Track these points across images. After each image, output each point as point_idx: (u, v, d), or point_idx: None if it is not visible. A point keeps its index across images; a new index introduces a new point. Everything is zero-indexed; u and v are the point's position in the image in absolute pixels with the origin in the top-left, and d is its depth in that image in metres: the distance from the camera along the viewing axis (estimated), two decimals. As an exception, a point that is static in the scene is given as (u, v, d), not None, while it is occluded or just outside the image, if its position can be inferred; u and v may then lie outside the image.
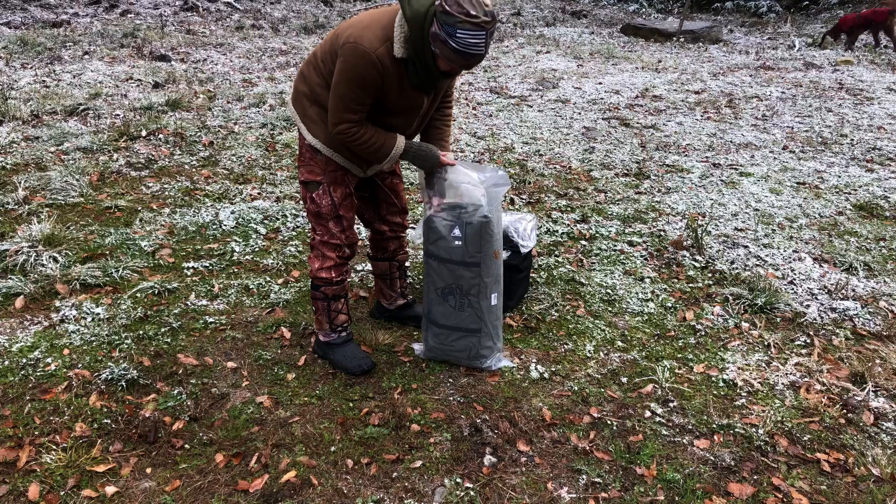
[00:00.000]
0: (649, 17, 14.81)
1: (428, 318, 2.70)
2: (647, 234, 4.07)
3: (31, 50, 8.08)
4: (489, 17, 2.01)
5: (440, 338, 2.69)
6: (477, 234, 2.49)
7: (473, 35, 2.01)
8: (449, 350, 2.70)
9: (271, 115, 6.11)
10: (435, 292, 2.63)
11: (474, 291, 2.57)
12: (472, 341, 2.65)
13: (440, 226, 2.53)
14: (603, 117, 6.66)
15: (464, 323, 2.62)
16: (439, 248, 2.55)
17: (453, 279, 2.57)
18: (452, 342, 2.67)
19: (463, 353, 2.69)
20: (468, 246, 2.51)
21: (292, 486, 2.14)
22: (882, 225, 4.34)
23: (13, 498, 2.04)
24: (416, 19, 2.08)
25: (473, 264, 2.54)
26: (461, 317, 2.62)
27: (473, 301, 2.59)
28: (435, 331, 2.69)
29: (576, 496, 2.15)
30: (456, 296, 2.59)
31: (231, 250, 3.63)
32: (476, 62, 2.11)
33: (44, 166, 4.60)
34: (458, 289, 2.58)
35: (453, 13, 1.99)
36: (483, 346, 2.67)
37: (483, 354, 2.68)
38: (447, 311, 2.63)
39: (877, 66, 9.77)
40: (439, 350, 2.72)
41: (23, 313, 2.97)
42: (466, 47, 2.04)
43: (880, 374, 2.81)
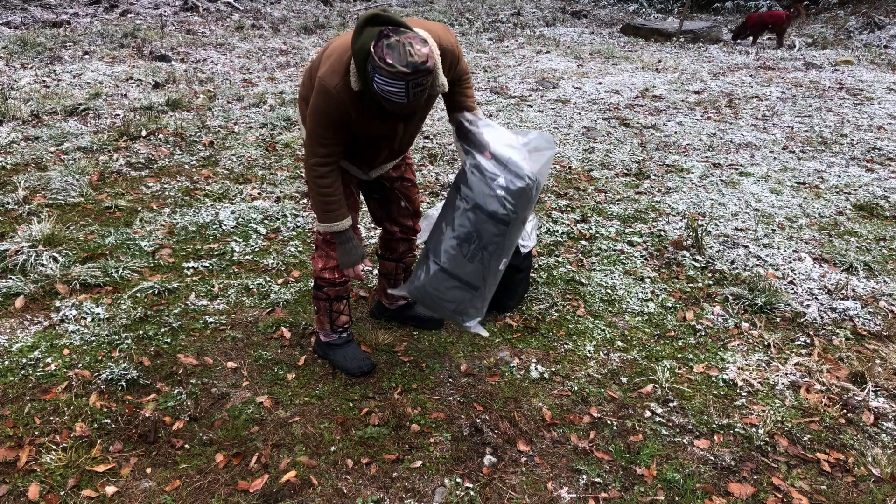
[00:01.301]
0: (649, 17, 14.82)
1: (432, 255, 2.51)
2: (647, 234, 4.07)
3: (31, 50, 8.08)
4: (409, 68, 1.94)
5: (436, 281, 2.50)
6: (516, 195, 2.39)
7: (390, 83, 1.97)
8: (437, 296, 2.52)
9: (271, 115, 6.10)
10: (452, 233, 2.46)
11: (492, 248, 2.45)
12: (465, 296, 2.51)
13: (487, 172, 2.39)
14: (603, 117, 6.66)
15: (467, 275, 2.48)
16: (476, 193, 2.40)
17: (476, 228, 2.42)
18: (446, 289, 2.50)
19: (450, 305, 2.53)
20: (506, 202, 2.39)
21: (292, 486, 2.14)
22: (882, 225, 4.34)
23: (13, 498, 2.04)
24: (360, 55, 2.05)
25: (503, 222, 2.41)
26: (467, 268, 2.47)
27: (486, 257, 2.46)
28: (434, 271, 2.51)
29: (576, 496, 2.15)
30: (472, 245, 2.44)
31: (231, 250, 3.63)
32: (402, 109, 2.08)
33: (44, 166, 4.60)
34: (479, 239, 2.43)
35: (374, 57, 1.97)
36: (472, 306, 2.54)
37: (469, 313, 2.56)
38: (457, 257, 2.46)
39: (877, 66, 9.77)
40: (426, 294, 2.54)
41: (23, 313, 2.97)
42: (384, 94, 2.01)
43: (880, 374, 2.81)
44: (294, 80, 7.59)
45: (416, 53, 1.95)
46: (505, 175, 2.39)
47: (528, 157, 2.41)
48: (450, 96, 2.48)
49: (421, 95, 2.04)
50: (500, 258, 2.51)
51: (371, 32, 2.03)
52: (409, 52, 1.95)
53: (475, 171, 2.41)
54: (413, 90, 2.00)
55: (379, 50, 1.96)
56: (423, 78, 1.99)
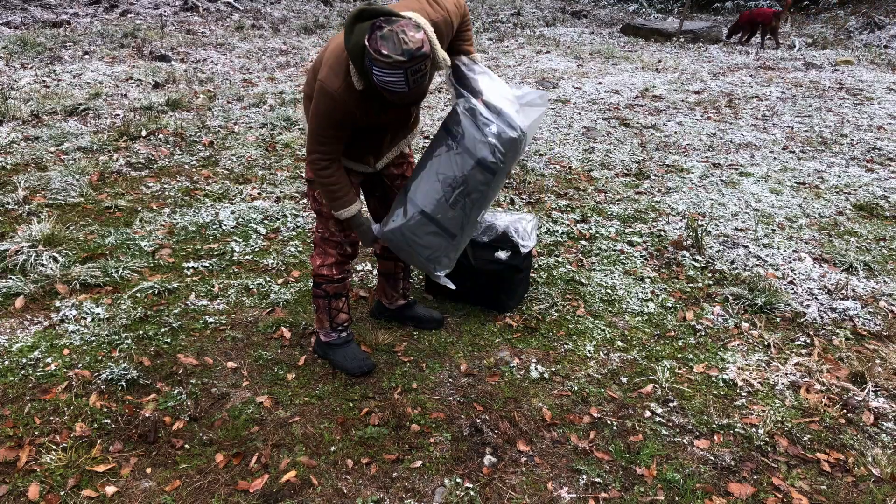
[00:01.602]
0: (649, 17, 14.82)
1: (412, 198, 2.43)
2: (647, 234, 4.07)
3: (31, 50, 8.08)
4: (405, 56, 1.94)
5: (415, 224, 2.42)
6: (507, 144, 2.35)
7: (389, 74, 1.98)
8: (413, 240, 2.44)
9: (271, 115, 6.10)
10: (437, 176, 2.39)
11: (475, 196, 2.40)
12: (441, 243, 2.46)
13: (480, 117, 2.33)
14: (603, 117, 6.66)
15: (447, 221, 2.42)
16: (467, 138, 2.35)
17: (463, 174, 2.37)
18: (423, 234, 2.43)
19: (425, 251, 2.47)
20: (496, 150, 2.34)
21: (292, 486, 2.14)
22: (882, 225, 4.34)
23: (13, 498, 2.04)
24: (356, 52, 2.05)
25: (490, 170, 2.36)
26: (448, 214, 2.41)
27: (468, 205, 2.41)
28: (413, 214, 2.42)
29: (576, 496, 2.15)
30: (456, 191, 2.38)
31: (231, 250, 3.63)
32: (403, 99, 2.09)
33: (44, 166, 4.60)
34: (464, 185, 2.37)
35: (370, 50, 1.97)
36: (446, 255, 2.50)
37: (441, 262, 2.51)
38: (438, 201, 2.39)
39: (877, 66, 9.77)
40: (402, 237, 2.45)
41: (23, 313, 2.97)
42: (384, 85, 2.02)
43: (880, 374, 2.81)
44: (294, 80, 7.59)
45: (410, 40, 1.96)
46: (497, 123, 2.34)
47: (520, 111, 2.39)
48: (452, 40, 2.47)
49: (422, 81, 2.05)
50: (481, 208, 2.48)
51: (362, 28, 2.03)
52: (404, 39, 1.95)
53: (468, 114, 2.36)
54: (412, 77, 2.00)
55: (373, 42, 1.97)
56: (420, 64, 2.00)
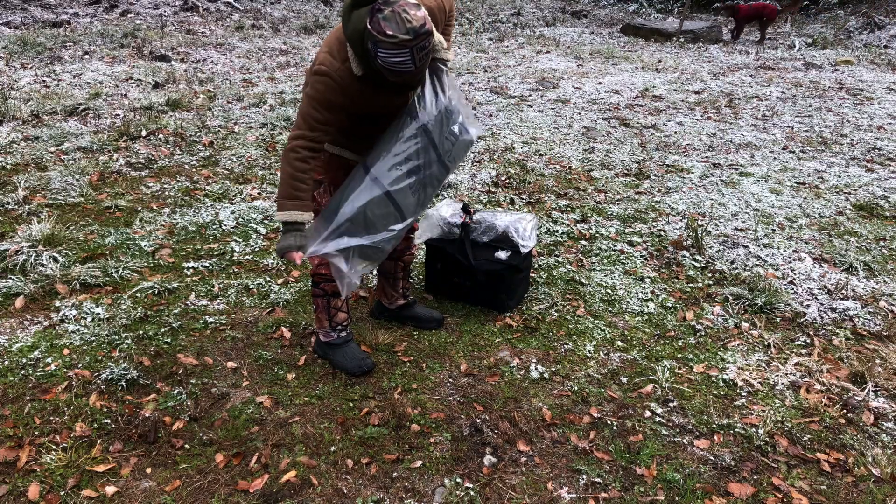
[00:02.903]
0: (649, 17, 14.82)
1: (377, 177, 2.37)
2: (647, 234, 4.07)
3: (31, 50, 8.08)
4: (411, 34, 1.94)
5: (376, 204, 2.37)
6: (463, 148, 2.47)
7: (395, 54, 1.97)
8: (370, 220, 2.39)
9: (271, 114, 6.11)
10: (405, 163, 2.37)
11: (430, 191, 2.46)
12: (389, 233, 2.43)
13: (457, 112, 2.41)
14: (603, 117, 6.66)
15: (406, 207, 2.42)
16: (436, 133, 2.38)
17: (427, 165, 2.40)
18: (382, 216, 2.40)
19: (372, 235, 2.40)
20: (454, 150, 2.45)
21: (292, 486, 2.14)
22: (882, 225, 4.34)
23: (13, 498, 2.04)
24: (355, 38, 2.05)
25: (445, 168, 2.46)
26: (408, 199, 2.41)
27: (421, 197, 2.44)
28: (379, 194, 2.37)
29: (576, 496, 2.15)
30: (417, 178, 2.39)
31: (231, 250, 3.63)
32: (410, 78, 2.08)
33: (44, 166, 4.60)
34: (424, 176, 2.40)
35: (374, 32, 1.96)
36: (385, 244, 2.44)
37: (372, 257, 2.44)
38: (404, 189, 2.38)
39: (877, 66, 9.77)
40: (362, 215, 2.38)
41: (23, 313, 2.97)
42: (391, 66, 2.01)
43: (880, 374, 2.81)
44: (294, 80, 7.59)
45: (413, 18, 1.96)
46: (459, 125, 2.43)
47: (471, 118, 2.48)
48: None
49: (426, 59, 2.05)
50: (424, 206, 2.51)
51: (360, 14, 2.03)
52: (406, 18, 1.95)
53: (443, 112, 2.39)
54: (418, 55, 2.00)
55: (375, 24, 1.96)
56: (425, 41, 2.00)
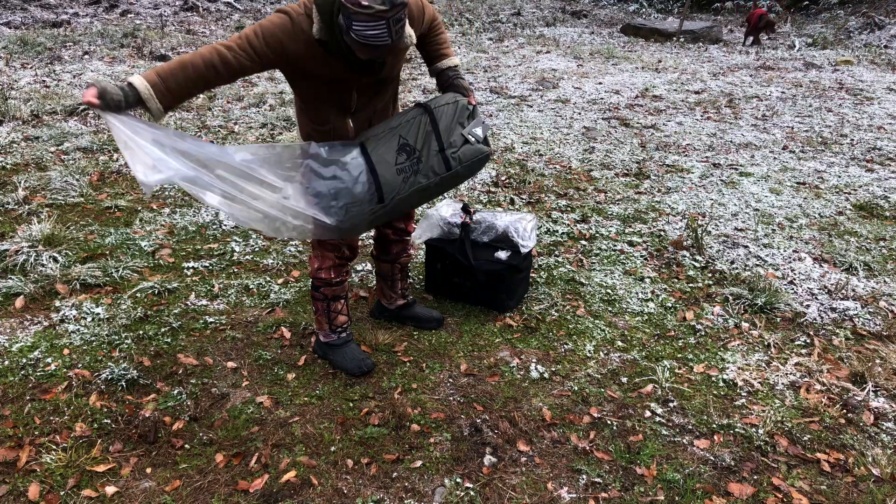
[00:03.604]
0: (649, 17, 14.81)
1: (362, 144, 2.32)
2: (647, 234, 4.07)
3: (31, 50, 8.08)
4: (387, 5, 1.89)
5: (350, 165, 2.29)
6: (476, 154, 2.43)
7: (370, 27, 1.92)
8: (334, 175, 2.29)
9: (271, 115, 6.10)
10: (398, 137, 2.33)
11: (422, 179, 2.36)
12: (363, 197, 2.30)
13: (465, 107, 2.40)
14: (603, 117, 6.66)
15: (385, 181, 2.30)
16: (444, 119, 2.37)
17: (423, 148, 2.34)
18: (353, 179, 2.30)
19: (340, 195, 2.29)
20: (463, 150, 2.39)
21: (292, 486, 2.14)
22: (882, 225, 4.34)
23: (13, 498, 2.04)
24: (325, 7, 2.02)
25: (448, 165, 2.38)
26: (390, 175, 2.31)
27: (411, 182, 2.35)
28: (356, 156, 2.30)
29: (576, 496, 2.15)
30: (410, 160, 2.33)
31: (231, 250, 3.63)
32: (384, 53, 2.03)
33: (44, 166, 4.60)
34: (417, 161, 2.33)
35: (347, 5, 1.91)
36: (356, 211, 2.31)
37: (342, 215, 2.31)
38: (388, 159, 2.30)
39: (877, 66, 9.77)
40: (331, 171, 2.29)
41: (23, 313, 2.97)
42: (365, 39, 1.95)
43: (880, 374, 2.81)
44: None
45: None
46: (480, 130, 2.41)
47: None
48: (425, 47, 2.48)
49: (402, 32, 2.00)
50: (421, 196, 2.40)
51: None
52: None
53: (455, 106, 2.39)
54: (394, 27, 1.95)
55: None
56: (401, 12, 1.96)
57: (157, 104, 1.99)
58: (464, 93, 2.46)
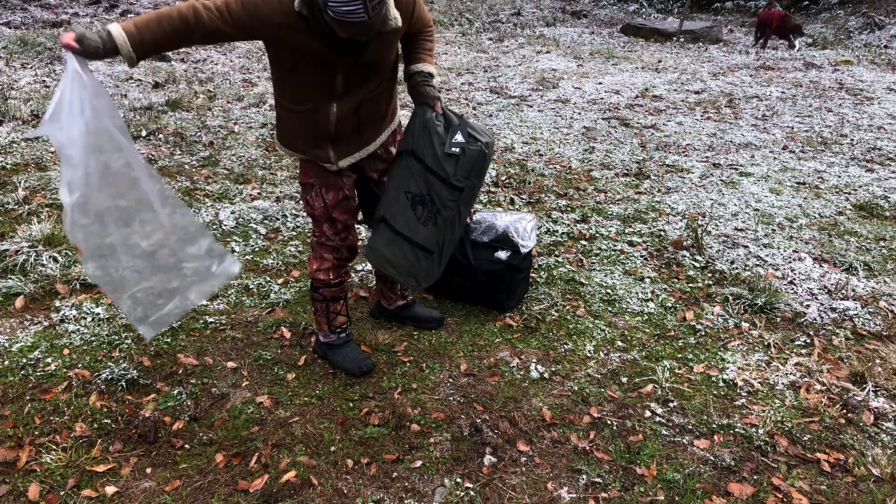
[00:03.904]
0: (649, 17, 14.81)
1: (383, 218, 2.43)
2: (647, 234, 4.07)
3: (31, 50, 8.08)
4: None
5: (390, 246, 2.44)
6: (470, 161, 2.31)
7: (345, 3, 1.87)
8: (391, 260, 2.47)
9: (271, 115, 6.10)
10: (404, 195, 2.36)
11: (446, 214, 2.36)
12: (416, 261, 2.44)
13: (434, 124, 2.29)
14: (603, 117, 6.66)
15: (421, 239, 2.40)
16: (426, 151, 2.31)
17: (429, 190, 2.33)
18: (401, 253, 2.44)
19: (402, 268, 2.47)
20: (459, 166, 2.30)
21: (292, 486, 2.14)
22: (882, 225, 4.34)
23: (13, 498, 2.04)
24: None
25: (456, 188, 2.33)
26: (420, 232, 2.39)
27: (441, 222, 2.37)
28: (386, 236, 2.44)
29: (576, 496, 2.15)
30: (427, 207, 2.34)
31: (231, 250, 3.63)
32: (362, 29, 1.97)
33: (44, 166, 4.60)
34: (432, 202, 2.33)
35: None
36: (423, 270, 2.47)
37: (419, 279, 2.50)
38: (410, 220, 2.38)
39: (877, 66, 9.77)
40: (382, 256, 2.49)
41: (23, 313, 2.97)
42: (342, 17, 1.90)
43: (880, 374, 2.81)
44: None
45: None
46: (459, 135, 2.29)
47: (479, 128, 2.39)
48: (408, 50, 2.42)
49: (380, 9, 1.95)
50: (458, 222, 2.43)
51: None
52: None
53: (426, 130, 2.31)
54: (370, 4, 1.90)
55: None
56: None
57: (129, 52, 2.01)
58: (428, 101, 2.35)
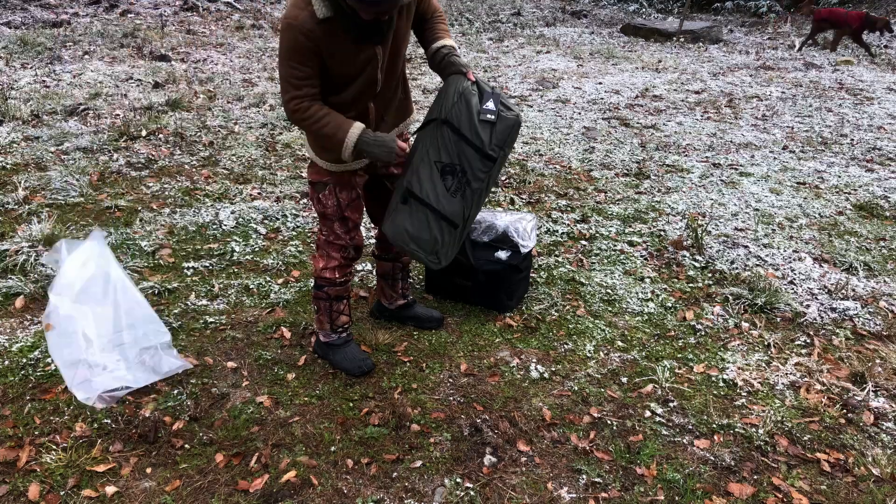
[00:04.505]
0: (649, 17, 14.81)
1: (408, 191, 2.32)
2: (647, 233, 4.07)
3: (31, 50, 8.07)
4: None
5: (414, 220, 2.34)
6: (505, 131, 2.26)
7: None
8: (416, 236, 2.36)
9: (271, 114, 6.11)
10: (433, 164, 2.27)
11: (476, 185, 2.28)
12: (442, 235, 2.35)
13: (470, 92, 2.23)
14: (603, 117, 6.66)
15: (449, 211, 2.30)
16: (461, 119, 2.23)
17: (461, 160, 2.25)
18: (426, 228, 2.34)
19: (427, 244, 2.37)
20: (494, 134, 2.23)
21: (292, 486, 2.14)
22: (882, 225, 4.34)
23: (13, 498, 2.05)
24: None
25: (489, 157, 2.26)
26: (450, 203, 2.29)
27: (468, 194, 2.29)
28: (410, 210, 2.33)
29: (576, 496, 2.15)
30: (457, 177, 2.25)
31: (231, 250, 3.63)
32: (382, 9, 1.99)
33: (44, 166, 4.60)
34: (462, 173, 2.25)
35: None
36: (446, 247, 2.38)
37: (440, 256, 2.40)
38: (439, 190, 2.28)
39: (877, 66, 9.77)
40: (406, 233, 2.37)
41: (23, 313, 2.97)
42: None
43: (880, 374, 2.82)
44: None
45: None
46: (492, 104, 2.24)
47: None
48: (423, 33, 2.43)
49: None
50: (483, 196, 2.37)
51: None
52: None
53: (462, 98, 2.25)
54: None
55: None
56: None
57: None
58: (461, 70, 2.31)
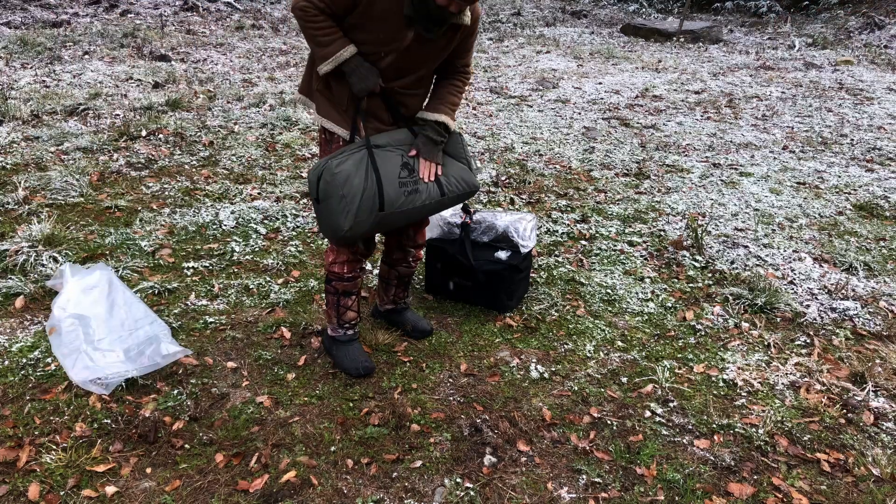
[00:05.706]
0: (649, 17, 14.81)
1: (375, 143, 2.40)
2: (647, 234, 4.07)
3: (31, 50, 8.07)
4: None
5: (360, 168, 2.33)
6: (463, 186, 2.50)
7: None
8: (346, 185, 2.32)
9: (271, 115, 6.10)
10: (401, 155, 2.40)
11: (415, 197, 2.39)
12: (367, 204, 2.33)
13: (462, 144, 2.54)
14: (603, 117, 6.66)
15: (387, 191, 2.34)
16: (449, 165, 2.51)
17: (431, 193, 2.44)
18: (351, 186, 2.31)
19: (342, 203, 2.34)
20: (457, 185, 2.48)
21: (292, 486, 2.14)
22: (882, 225, 4.34)
23: (13, 498, 2.04)
24: None
25: (443, 193, 2.45)
26: (391, 188, 2.35)
27: (409, 197, 2.38)
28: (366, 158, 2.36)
29: (576, 496, 2.15)
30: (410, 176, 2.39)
31: (231, 250, 3.63)
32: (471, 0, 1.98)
33: (44, 166, 4.60)
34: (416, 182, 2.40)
35: None
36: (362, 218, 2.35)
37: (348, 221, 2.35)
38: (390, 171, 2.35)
39: (877, 66, 9.77)
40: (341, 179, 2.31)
41: (23, 313, 2.97)
42: None
43: (880, 374, 2.82)
44: (294, 80, 7.59)
45: None
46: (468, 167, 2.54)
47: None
48: (437, 81, 2.44)
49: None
50: (415, 212, 2.41)
51: None
52: None
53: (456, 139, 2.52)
54: None
55: None
56: None
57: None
58: (426, 157, 2.39)
